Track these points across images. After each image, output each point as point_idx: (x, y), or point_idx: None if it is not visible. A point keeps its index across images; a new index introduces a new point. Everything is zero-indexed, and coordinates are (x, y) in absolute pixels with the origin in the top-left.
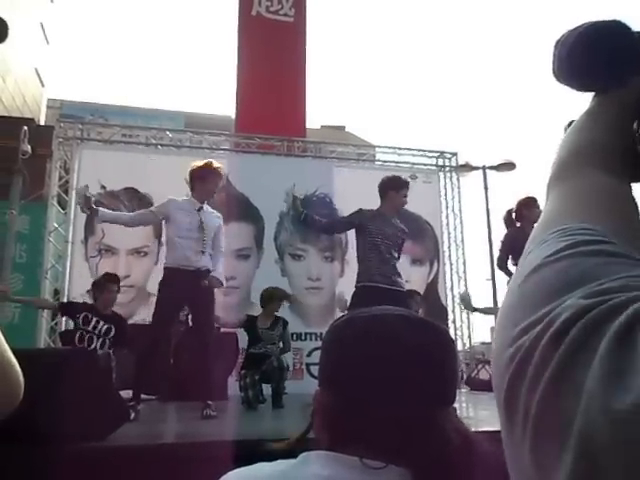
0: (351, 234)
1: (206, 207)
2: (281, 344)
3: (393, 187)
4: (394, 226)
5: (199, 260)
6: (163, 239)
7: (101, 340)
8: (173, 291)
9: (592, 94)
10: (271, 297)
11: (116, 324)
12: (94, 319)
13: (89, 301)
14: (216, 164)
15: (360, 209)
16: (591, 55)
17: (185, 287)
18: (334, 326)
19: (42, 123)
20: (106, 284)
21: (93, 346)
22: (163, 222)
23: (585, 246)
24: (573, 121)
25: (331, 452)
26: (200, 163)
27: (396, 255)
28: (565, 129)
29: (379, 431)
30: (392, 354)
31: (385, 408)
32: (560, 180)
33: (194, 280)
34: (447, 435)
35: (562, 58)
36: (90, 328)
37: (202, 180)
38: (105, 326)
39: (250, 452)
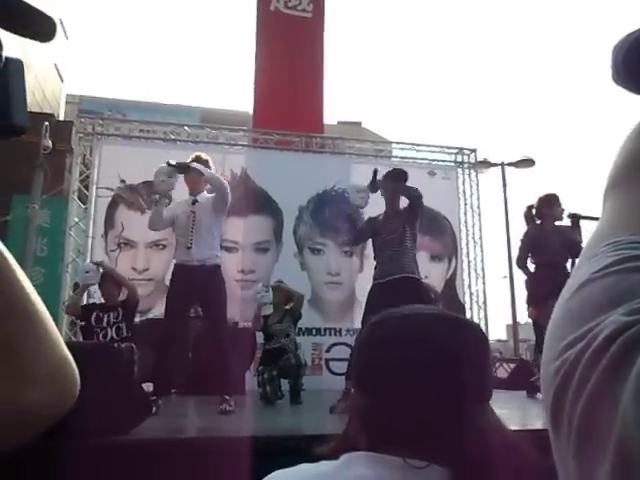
0: None
1: (202, 197)
2: (293, 334)
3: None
4: (391, 217)
5: (197, 253)
6: None
7: (115, 327)
8: (179, 286)
9: None
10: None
11: (120, 303)
12: (100, 314)
13: None
14: (200, 155)
15: (369, 217)
16: None
17: (190, 282)
18: (366, 328)
19: (61, 118)
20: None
21: (109, 337)
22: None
23: (633, 262)
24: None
25: (371, 453)
26: None
27: (407, 244)
28: None
29: (418, 431)
30: (425, 354)
31: (421, 408)
32: (615, 189)
33: (199, 276)
34: (486, 433)
35: (618, 63)
36: (103, 324)
37: (185, 175)
38: (112, 313)
39: (269, 448)
